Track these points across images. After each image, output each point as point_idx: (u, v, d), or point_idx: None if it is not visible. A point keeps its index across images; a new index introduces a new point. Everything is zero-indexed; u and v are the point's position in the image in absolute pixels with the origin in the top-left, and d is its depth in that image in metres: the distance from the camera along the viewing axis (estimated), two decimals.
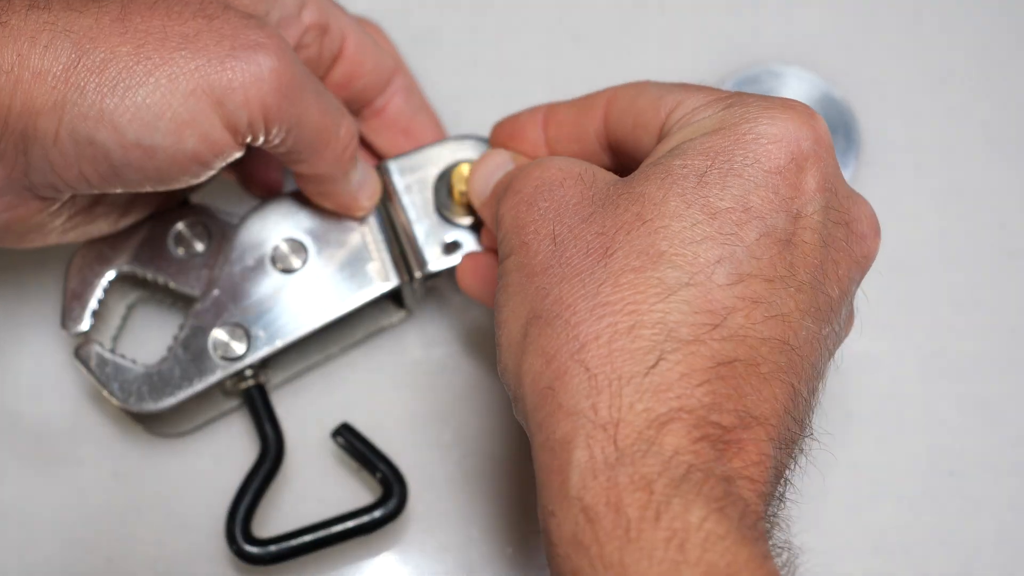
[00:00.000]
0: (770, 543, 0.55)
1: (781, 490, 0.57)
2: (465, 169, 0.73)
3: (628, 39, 0.88)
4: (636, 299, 0.55)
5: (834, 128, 0.78)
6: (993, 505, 0.79)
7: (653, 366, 0.53)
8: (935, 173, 0.85)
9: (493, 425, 0.78)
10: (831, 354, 0.60)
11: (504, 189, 0.64)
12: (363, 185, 0.72)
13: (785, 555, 0.56)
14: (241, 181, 0.77)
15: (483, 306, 0.80)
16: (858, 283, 0.61)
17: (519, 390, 0.58)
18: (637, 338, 0.54)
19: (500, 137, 0.72)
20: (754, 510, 0.53)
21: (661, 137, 0.62)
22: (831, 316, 0.58)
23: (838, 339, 0.61)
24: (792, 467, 0.58)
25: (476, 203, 0.71)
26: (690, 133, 0.59)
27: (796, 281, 0.56)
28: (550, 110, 0.70)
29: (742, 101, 0.60)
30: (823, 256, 0.58)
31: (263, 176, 0.76)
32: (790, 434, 0.56)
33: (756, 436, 0.54)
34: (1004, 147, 0.86)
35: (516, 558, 0.76)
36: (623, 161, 0.66)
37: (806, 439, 0.59)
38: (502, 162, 0.70)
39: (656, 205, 0.57)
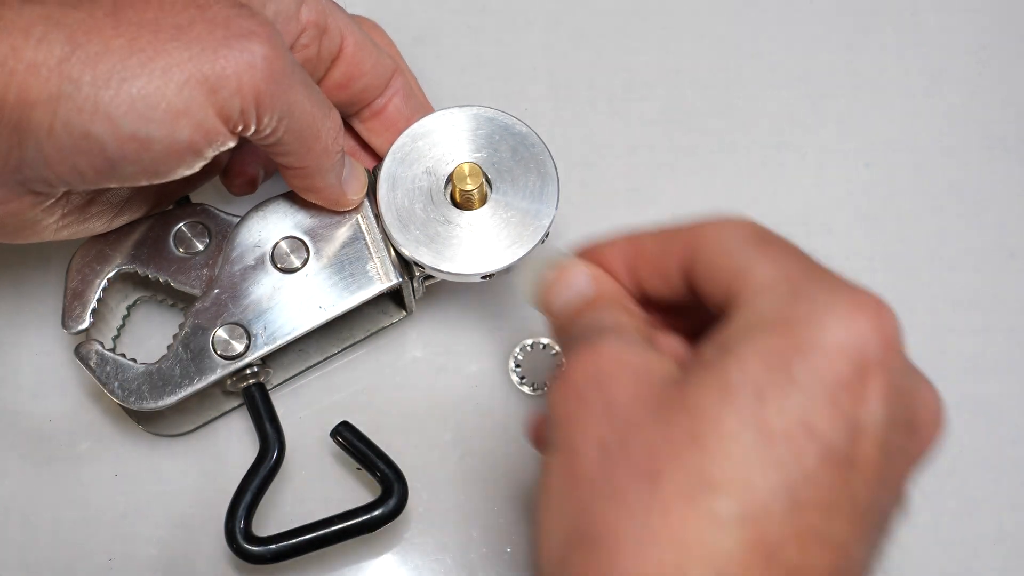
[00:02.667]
0: None
1: None
2: (466, 168, 0.73)
3: (628, 39, 0.88)
4: (685, 533, 0.51)
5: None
6: (993, 505, 0.79)
7: None
8: (935, 173, 0.85)
9: (493, 425, 0.78)
10: (879, 554, 0.56)
11: (563, 354, 0.60)
12: (350, 179, 0.72)
13: None
14: (220, 177, 0.77)
15: (483, 306, 0.80)
16: (913, 478, 0.57)
17: None
18: (685, 574, 0.51)
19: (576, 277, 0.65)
20: None
21: (726, 306, 0.57)
22: (885, 527, 0.55)
23: (886, 536, 0.56)
24: None
25: (531, 302, 0.65)
26: (750, 323, 0.54)
27: (856, 506, 0.52)
28: (633, 241, 0.64)
29: (809, 289, 0.55)
30: (885, 470, 0.53)
31: (240, 171, 0.76)
32: None
33: None
34: (1004, 147, 0.86)
35: (516, 558, 0.76)
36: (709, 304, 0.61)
37: None
38: (583, 285, 0.64)
39: (712, 425, 0.52)
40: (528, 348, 0.80)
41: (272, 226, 0.74)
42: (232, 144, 0.64)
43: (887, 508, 0.55)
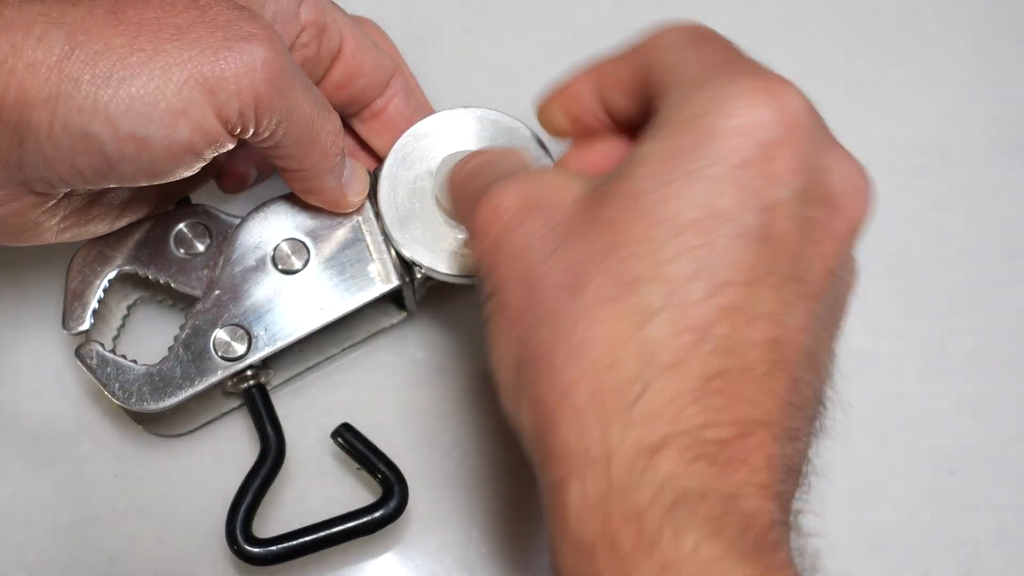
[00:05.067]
0: (794, 532, 0.55)
1: (798, 481, 0.56)
2: None
3: (627, 39, 0.88)
4: (613, 331, 0.54)
5: None
6: (993, 505, 0.79)
7: (639, 396, 0.52)
8: (935, 173, 0.85)
9: (493, 425, 0.78)
10: (829, 329, 0.59)
11: (470, 210, 0.62)
12: (350, 181, 0.72)
13: (807, 543, 0.56)
14: (214, 176, 0.77)
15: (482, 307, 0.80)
16: (847, 251, 0.59)
17: (521, 435, 0.57)
18: (620, 371, 0.53)
19: (553, 112, 0.70)
20: (762, 519, 0.52)
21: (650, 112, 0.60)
22: (821, 297, 0.56)
23: (836, 314, 0.59)
24: (808, 451, 0.57)
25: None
26: (656, 127, 0.57)
27: (777, 276, 0.55)
28: (598, 67, 0.68)
29: (707, 86, 0.57)
30: (803, 241, 0.56)
31: (231, 168, 0.76)
32: (796, 424, 0.55)
33: (759, 441, 0.53)
34: (1004, 147, 0.86)
35: (516, 558, 0.76)
36: None
37: (820, 419, 0.58)
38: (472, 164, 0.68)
39: (624, 230, 0.55)
40: None
41: (273, 227, 0.74)
42: (231, 146, 0.64)
43: (817, 278, 0.56)
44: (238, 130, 0.63)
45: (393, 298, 0.76)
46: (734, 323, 0.54)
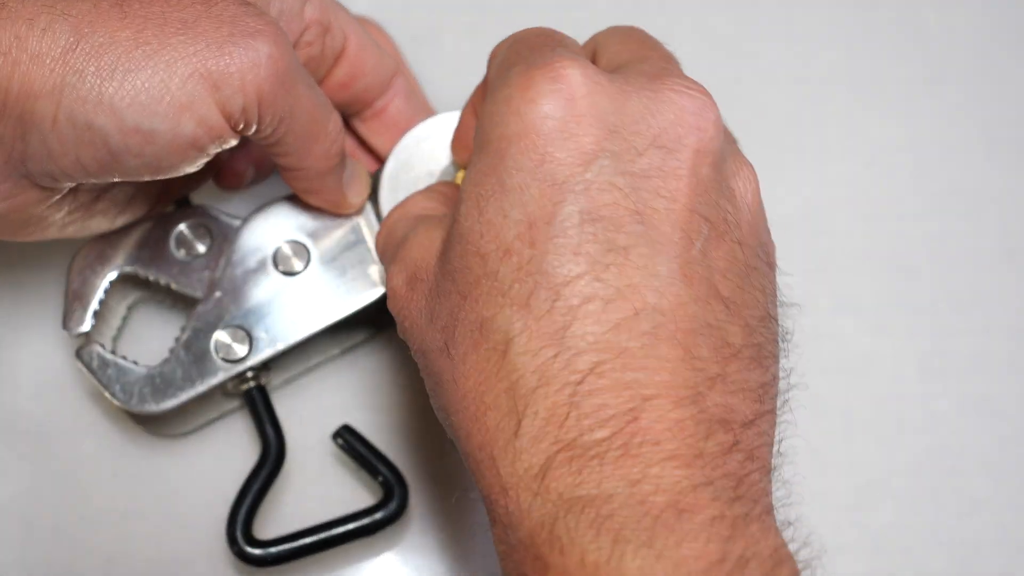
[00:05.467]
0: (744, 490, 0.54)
1: (744, 422, 0.55)
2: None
3: None
4: (480, 377, 0.55)
5: None
6: (993, 505, 0.79)
7: (517, 428, 0.53)
8: (935, 173, 0.85)
9: None
10: (727, 258, 0.57)
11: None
12: (351, 181, 0.72)
13: (790, 531, 0.55)
14: (211, 173, 0.77)
15: None
16: (707, 171, 0.57)
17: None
18: (496, 412, 0.54)
19: (458, 149, 0.72)
20: (673, 492, 0.51)
21: None
22: (690, 235, 0.55)
23: (722, 232, 0.57)
24: (745, 386, 0.55)
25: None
26: (469, 166, 0.59)
27: (617, 248, 0.54)
28: (473, 98, 0.70)
29: (490, 95, 0.59)
30: (638, 200, 0.55)
31: (230, 167, 0.76)
32: (707, 373, 0.54)
33: (657, 414, 0.52)
34: (1004, 147, 0.86)
35: None
36: None
37: (766, 334, 0.57)
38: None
39: (464, 275, 0.56)
40: None
41: (274, 229, 0.74)
42: (234, 142, 0.64)
43: (676, 224, 0.55)
44: (241, 126, 0.63)
45: None
46: (588, 316, 0.53)
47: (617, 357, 0.53)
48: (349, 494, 0.76)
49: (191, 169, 0.65)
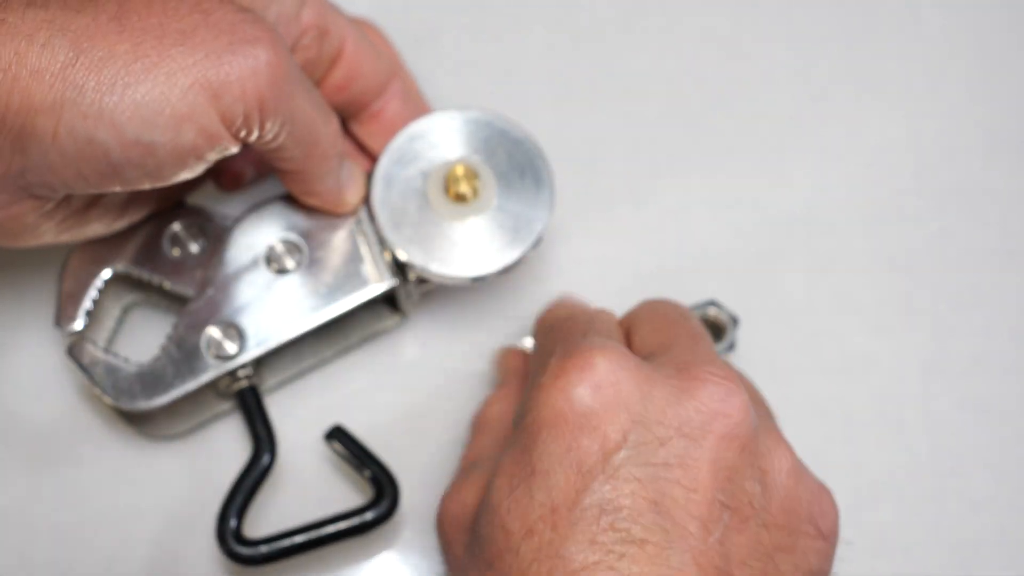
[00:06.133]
0: None
1: None
2: (461, 170, 0.73)
3: (628, 39, 0.88)
4: None
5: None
6: (993, 505, 0.78)
7: None
8: (935, 173, 0.85)
9: None
10: (756, 540, 0.58)
11: None
12: (348, 182, 0.72)
13: None
14: (211, 175, 0.77)
15: (481, 308, 0.80)
16: (733, 461, 0.58)
17: None
18: None
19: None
20: None
21: None
22: (708, 526, 0.57)
23: (755, 521, 0.59)
24: None
25: None
26: (509, 443, 0.61)
27: (633, 540, 0.55)
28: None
29: (530, 389, 0.61)
30: (656, 490, 0.57)
31: (229, 168, 0.76)
32: None
33: None
34: (1004, 147, 0.85)
35: None
36: None
37: None
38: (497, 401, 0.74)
39: (490, 546, 0.58)
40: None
41: (267, 228, 0.74)
42: (235, 149, 0.64)
43: (697, 510, 0.57)
44: (242, 133, 0.64)
45: (388, 301, 0.76)
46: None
47: None
48: (345, 493, 0.76)
49: (191, 176, 0.65)
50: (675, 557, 0.55)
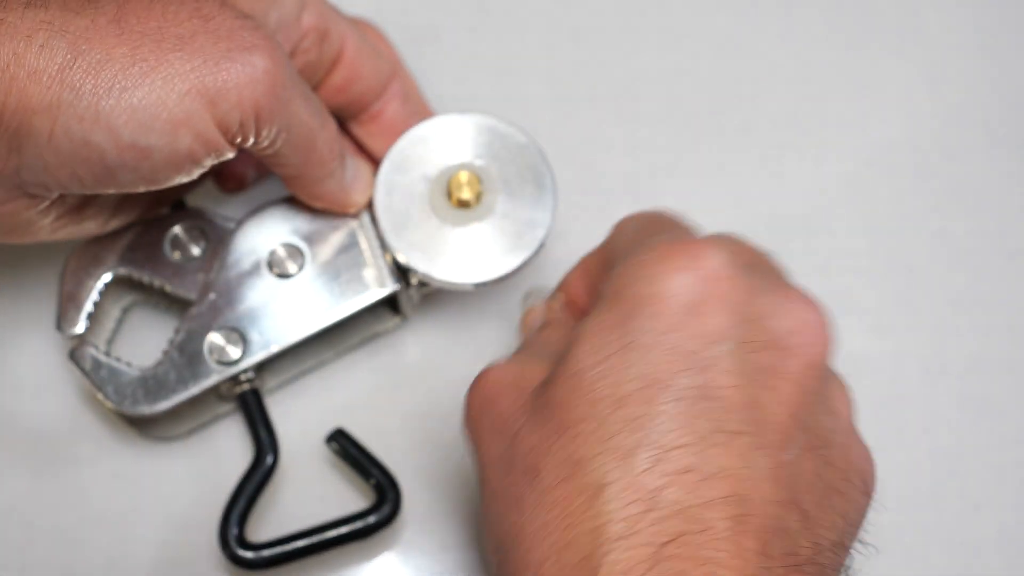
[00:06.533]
0: None
1: None
2: (464, 176, 0.73)
3: (628, 39, 0.88)
4: (567, 512, 0.55)
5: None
6: (993, 505, 0.78)
7: (595, 573, 0.53)
8: (935, 173, 0.85)
9: None
10: (817, 470, 0.58)
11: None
12: (355, 181, 0.72)
13: None
14: (212, 177, 0.77)
15: (482, 310, 0.80)
16: (813, 387, 0.59)
17: None
18: (578, 550, 0.54)
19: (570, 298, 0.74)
20: None
21: None
22: (786, 442, 0.56)
23: (819, 450, 0.58)
24: None
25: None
26: (596, 306, 0.60)
27: (726, 431, 0.55)
28: (582, 262, 0.71)
29: (631, 256, 0.60)
30: (751, 392, 0.56)
31: (230, 170, 0.76)
32: (783, 570, 0.55)
33: None
34: (1004, 147, 0.85)
35: None
36: None
37: (833, 557, 0.58)
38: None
39: (568, 411, 0.57)
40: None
41: (269, 232, 0.74)
42: (231, 155, 0.64)
43: (778, 422, 0.57)
44: (238, 139, 0.64)
45: (389, 303, 0.76)
46: (685, 486, 0.54)
47: (702, 532, 0.54)
48: (348, 494, 0.76)
49: (186, 180, 0.65)
50: (759, 461, 0.55)
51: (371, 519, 0.71)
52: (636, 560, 0.53)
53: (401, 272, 0.74)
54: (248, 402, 0.74)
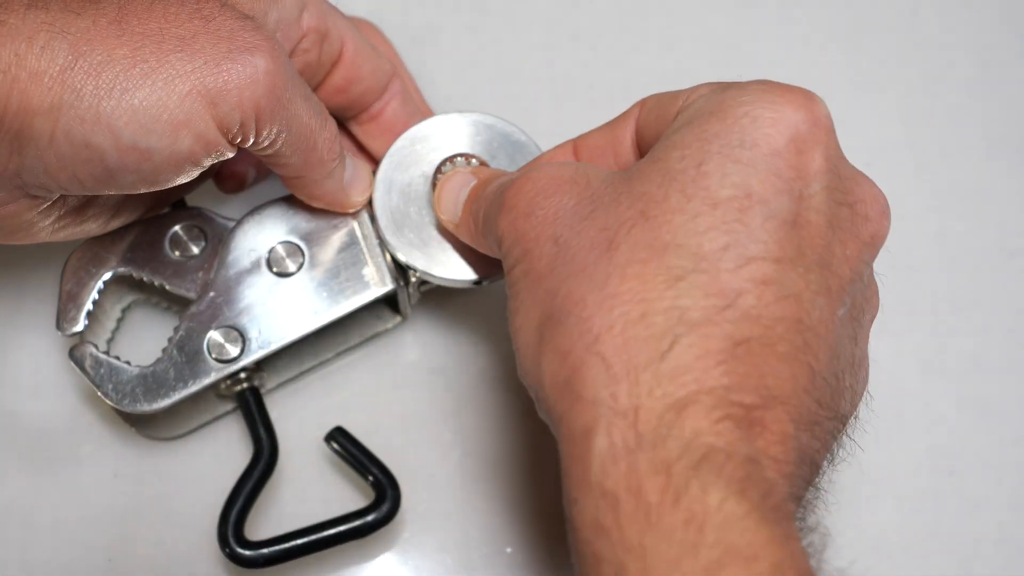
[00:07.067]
0: (799, 523, 0.56)
1: (811, 475, 0.57)
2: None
3: (628, 39, 0.88)
4: (644, 288, 0.55)
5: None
6: (993, 505, 0.78)
7: (668, 350, 0.54)
8: (935, 173, 0.85)
9: (492, 425, 0.78)
10: (854, 338, 0.60)
11: (495, 207, 0.64)
12: (353, 181, 0.72)
13: (814, 537, 0.57)
14: (212, 177, 0.77)
15: (480, 309, 0.80)
16: (869, 263, 0.61)
17: (540, 390, 0.58)
18: (650, 325, 0.54)
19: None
20: (779, 490, 0.53)
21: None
22: (843, 296, 0.58)
23: (858, 322, 0.60)
24: (824, 454, 0.58)
25: (450, 226, 0.71)
26: (688, 118, 0.60)
27: (805, 261, 0.56)
28: (579, 139, 0.70)
29: (739, 85, 0.61)
30: (829, 236, 0.57)
31: (230, 170, 0.76)
32: (812, 415, 0.56)
33: (777, 416, 0.54)
34: (1004, 147, 0.85)
35: (516, 558, 0.76)
36: None
37: (839, 429, 0.59)
38: (463, 180, 0.70)
39: (658, 203, 0.57)
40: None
41: (268, 230, 0.74)
42: (231, 155, 0.64)
43: (842, 275, 0.58)
44: (238, 140, 0.64)
45: (388, 302, 0.76)
46: (762, 297, 0.55)
47: (766, 345, 0.55)
48: (347, 493, 0.77)
49: (186, 180, 0.65)
50: (820, 302, 0.57)
51: (370, 518, 0.71)
52: (709, 349, 0.54)
53: (400, 270, 0.74)
54: (247, 400, 0.74)
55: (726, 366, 0.54)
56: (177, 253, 0.74)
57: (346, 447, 0.74)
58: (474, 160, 0.74)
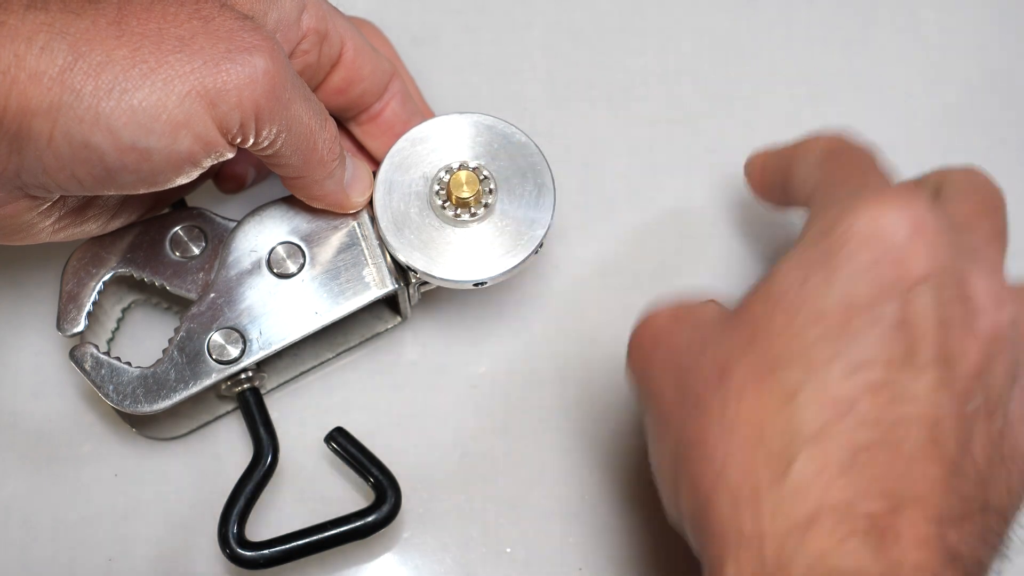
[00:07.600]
0: None
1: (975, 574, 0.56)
2: (463, 175, 0.73)
3: (628, 39, 0.88)
4: (760, 408, 0.56)
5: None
6: None
7: (787, 468, 0.54)
8: None
9: (492, 425, 0.78)
10: (999, 430, 0.59)
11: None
12: (353, 181, 0.72)
13: None
14: (212, 177, 0.77)
15: (480, 309, 0.80)
16: (997, 355, 0.59)
17: (682, 526, 0.59)
18: (768, 446, 0.55)
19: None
20: None
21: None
22: (971, 392, 0.57)
23: (992, 420, 0.59)
24: (984, 551, 0.57)
25: None
26: (797, 242, 0.60)
27: (918, 362, 0.56)
28: (766, 155, 0.74)
29: (838, 198, 0.61)
30: (943, 336, 0.57)
31: (229, 171, 0.76)
32: (956, 511, 0.55)
33: (911, 519, 0.54)
34: (1004, 147, 0.85)
35: (516, 558, 0.76)
36: None
37: (998, 522, 0.58)
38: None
39: (765, 325, 0.57)
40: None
41: (269, 231, 0.74)
42: (230, 155, 0.64)
43: (963, 372, 0.57)
44: (238, 140, 0.64)
45: (388, 303, 0.77)
46: (877, 400, 0.55)
47: (890, 446, 0.55)
48: (348, 493, 0.77)
49: (185, 181, 0.65)
50: (944, 399, 0.56)
51: (370, 518, 0.71)
52: (829, 461, 0.54)
53: (401, 271, 0.74)
54: (248, 401, 0.74)
55: (848, 476, 0.54)
56: (177, 254, 0.74)
57: (346, 447, 0.74)
58: (474, 168, 0.74)
